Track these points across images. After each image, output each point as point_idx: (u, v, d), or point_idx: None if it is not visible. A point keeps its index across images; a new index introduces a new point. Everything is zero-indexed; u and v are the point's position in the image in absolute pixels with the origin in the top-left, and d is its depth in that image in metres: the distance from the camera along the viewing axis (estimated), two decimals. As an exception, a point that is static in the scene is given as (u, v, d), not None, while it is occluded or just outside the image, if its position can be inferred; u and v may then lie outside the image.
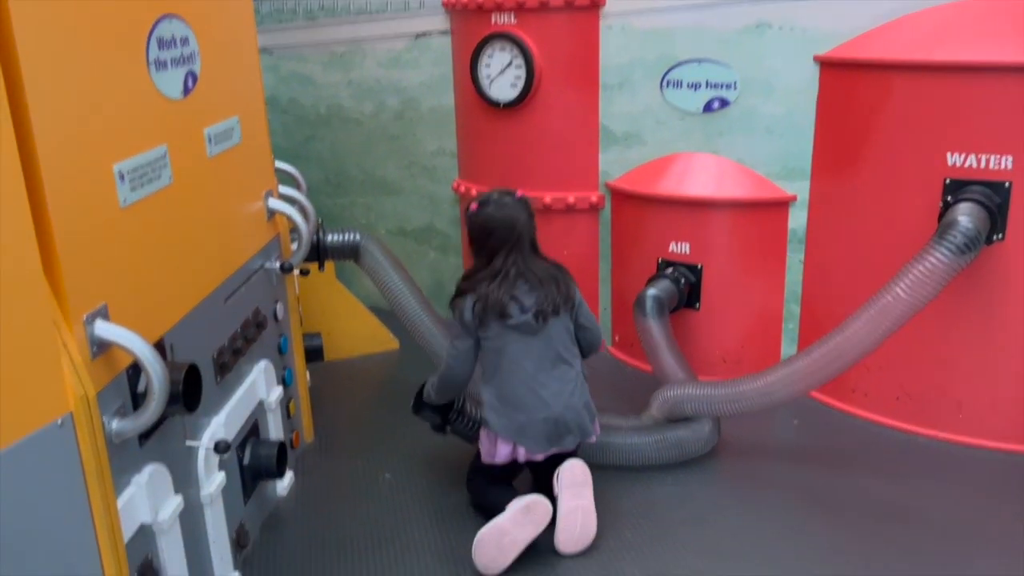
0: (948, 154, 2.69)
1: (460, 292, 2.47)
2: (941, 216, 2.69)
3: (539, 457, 2.44)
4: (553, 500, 2.38)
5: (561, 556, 2.39)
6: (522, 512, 2.31)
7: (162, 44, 1.95)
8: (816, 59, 2.96)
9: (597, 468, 2.76)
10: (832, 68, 2.94)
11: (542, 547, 2.40)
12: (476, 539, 2.30)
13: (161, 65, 1.95)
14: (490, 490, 2.51)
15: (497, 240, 2.43)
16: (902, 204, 2.84)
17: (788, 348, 3.34)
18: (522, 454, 2.43)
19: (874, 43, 2.82)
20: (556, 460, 2.45)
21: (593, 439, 2.52)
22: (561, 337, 2.46)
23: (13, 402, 1.44)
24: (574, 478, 2.40)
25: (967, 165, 2.67)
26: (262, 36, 4.06)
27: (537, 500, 2.34)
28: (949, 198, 2.70)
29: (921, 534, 2.45)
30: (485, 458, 2.50)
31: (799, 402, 3.19)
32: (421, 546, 2.47)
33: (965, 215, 2.55)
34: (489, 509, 2.41)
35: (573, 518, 2.37)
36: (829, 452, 2.91)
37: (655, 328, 3.08)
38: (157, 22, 1.92)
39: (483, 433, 2.51)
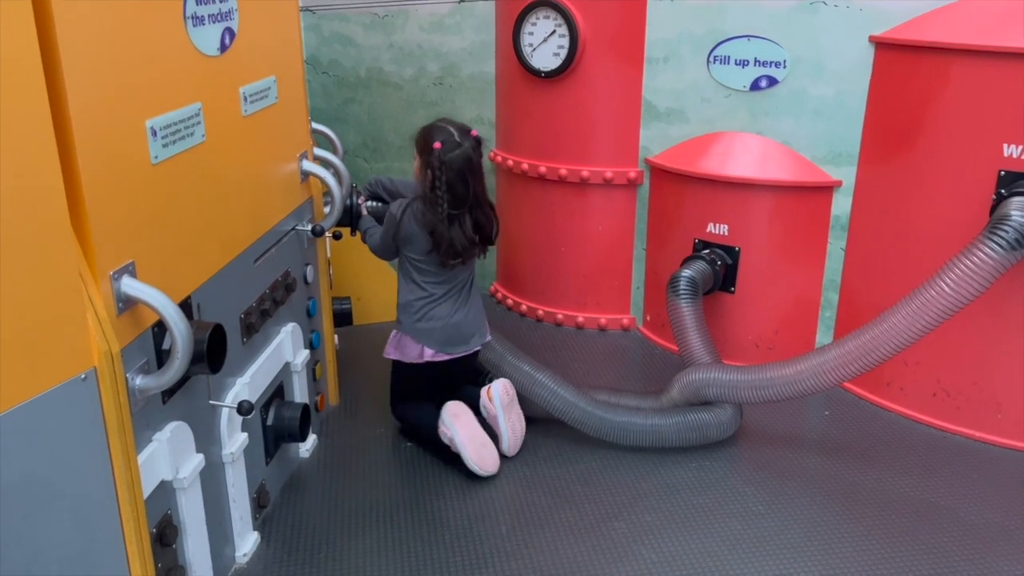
0: (1004, 145, 2.59)
1: (426, 224, 2.66)
2: (993, 209, 2.58)
3: (445, 358, 2.78)
4: (478, 412, 2.76)
5: (573, 536, 2.39)
6: (455, 418, 2.65)
7: (200, -1, 1.93)
8: (872, 40, 2.85)
9: (615, 448, 2.77)
10: (888, 50, 2.83)
11: (566, 524, 2.40)
12: (470, 462, 2.61)
13: (198, 20, 1.93)
14: (419, 419, 2.81)
15: (470, 186, 2.64)
16: (953, 195, 2.74)
17: (824, 337, 3.26)
18: (430, 354, 2.76)
19: (934, 25, 2.71)
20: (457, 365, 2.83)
21: (488, 338, 2.89)
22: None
23: (38, 355, 1.44)
24: (508, 395, 2.77)
25: (1024, 157, 2.57)
26: (305, -5, 4.04)
27: (452, 404, 2.71)
28: (1003, 191, 2.59)
29: (949, 534, 2.39)
30: (394, 355, 2.82)
31: (831, 392, 3.13)
32: (438, 517, 2.48)
33: (1019, 209, 2.44)
34: (425, 435, 2.78)
35: (515, 428, 2.77)
36: (859, 445, 2.85)
37: (687, 310, 3.03)
38: (195, -23, 1.89)
39: (402, 338, 2.80)
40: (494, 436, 2.73)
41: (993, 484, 2.62)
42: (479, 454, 2.63)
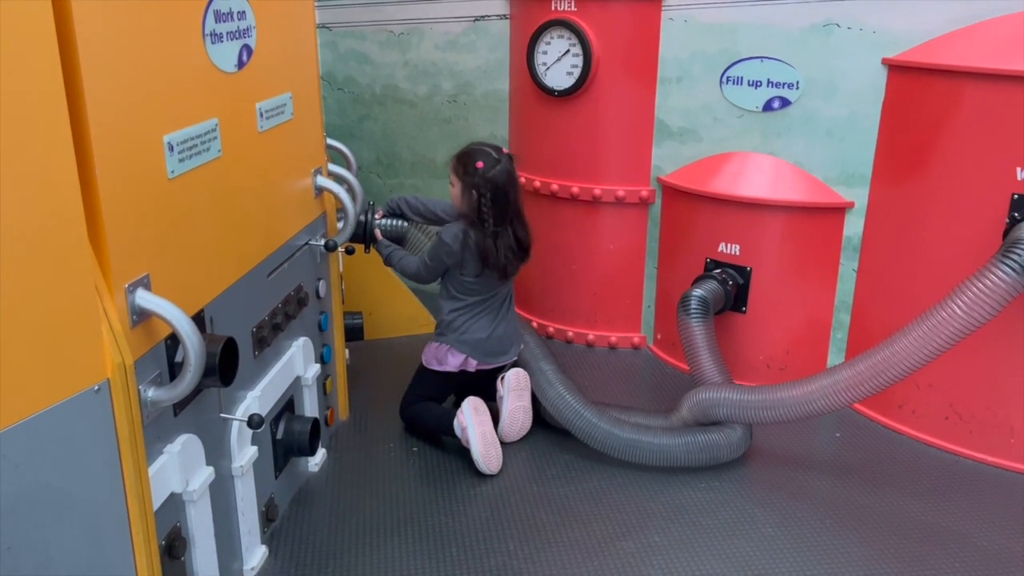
0: (1018, 169, 2.58)
1: (478, 245, 2.80)
2: (1006, 233, 2.58)
3: (487, 367, 2.96)
4: (491, 400, 2.92)
5: (580, 554, 2.38)
6: (475, 413, 2.77)
7: (219, 17, 1.96)
8: (884, 62, 2.86)
9: (624, 466, 2.77)
10: (901, 72, 2.83)
11: (574, 543, 2.39)
12: (478, 456, 2.73)
13: (217, 38, 1.96)
14: (431, 412, 2.94)
15: (512, 199, 2.81)
16: (965, 218, 2.73)
17: (835, 358, 3.25)
18: (473, 365, 2.93)
19: (948, 48, 2.71)
20: (493, 373, 2.99)
21: (522, 346, 3.05)
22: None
23: (52, 366, 1.46)
24: (518, 383, 2.92)
25: (1038, 181, 2.56)
26: (322, 12, 4.09)
27: (475, 399, 2.82)
28: (1016, 214, 2.59)
29: (960, 559, 2.37)
30: (436, 366, 2.95)
31: (842, 414, 3.11)
32: (446, 532, 2.47)
33: (1032, 233, 2.43)
34: (432, 426, 2.93)
35: (516, 415, 2.92)
36: (870, 468, 2.83)
37: (698, 329, 3.02)
38: (215, -5, 1.92)
39: (443, 348, 2.93)
40: (496, 419, 2.90)
41: (1006, 509, 2.60)
42: (487, 452, 2.74)
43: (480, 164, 2.77)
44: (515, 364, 3.02)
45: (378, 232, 3.07)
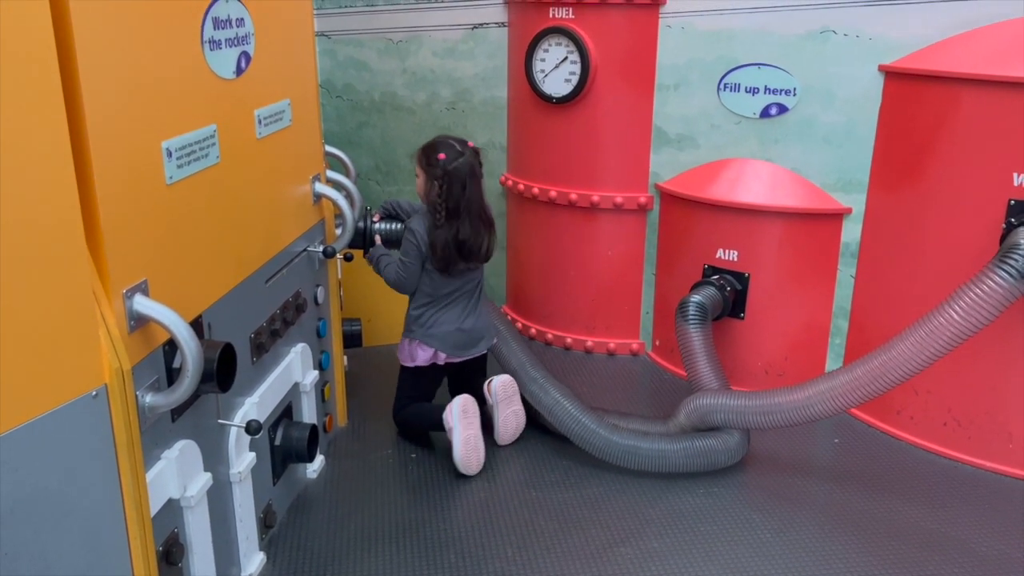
0: (1015, 174, 2.59)
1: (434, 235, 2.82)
2: (1003, 238, 2.58)
3: (456, 360, 2.96)
4: (482, 404, 2.92)
5: (579, 560, 2.38)
6: (463, 415, 2.78)
7: (217, 24, 1.97)
8: (881, 69, 2.87)
9: (623, 473, 2.77)
10: (898, 79, 2.84)
11: (573, 549, 2.38)
12: (459, 459, 2.75)
13: (215, 45, 1.96)
14: (420, 411, 2.96)
15: (471, 193, 2.82)
16: (962, 223, 2.74)
17: (833, 364, 3.25)
18: (442, 358, 2.94)
19: (944, 55, 2.72)
20: (468, 365, 3.02)
21: (494, 341, 3.06)
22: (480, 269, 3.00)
23: (50, 372, 1.46)
24: (506, 391, 2.94)
25: (1034, 187, 2.57)
26: (321, 20, 4.10)
27: (466, 399, 2.82)
28: (1012, 220, 2.59)
29: (960, 565, 2.36)
30: (408, 362, 2.96)
31: (840, 420, 3.11)
32: (444, 539, 2.47)
33: (1029, 239, 2.44)
34: (425, 424, 2.96)
35: (508, 420, 2.95)
36: (869, 474, 2.83)
37: (696, 335, 3.03)
38: (214, 2, 1.93)
39: (413, 344, 2.94)
40: (490, 423, 2.93)
41: (1004, 515, 2.60)
42: (467, 456, 2.77)
43: (442, 156, 2.78)
44: (502, 370, 3.02)
45: (378, 238, 3.08)
